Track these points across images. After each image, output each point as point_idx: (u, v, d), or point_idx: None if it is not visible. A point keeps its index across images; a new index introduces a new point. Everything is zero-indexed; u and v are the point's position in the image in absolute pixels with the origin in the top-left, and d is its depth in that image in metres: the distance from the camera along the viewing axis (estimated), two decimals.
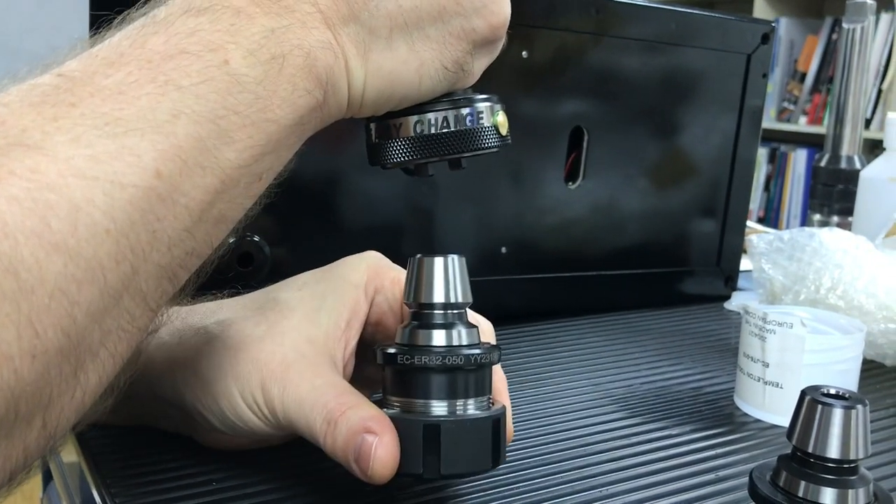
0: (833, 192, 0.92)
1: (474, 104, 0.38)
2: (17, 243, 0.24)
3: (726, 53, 0.73)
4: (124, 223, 0.27)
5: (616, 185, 0.71)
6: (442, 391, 0.34)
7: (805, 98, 2.89)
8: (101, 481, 0.40)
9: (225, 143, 0.30)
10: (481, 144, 0.38)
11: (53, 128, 0.26)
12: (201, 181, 0.29)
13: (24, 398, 0.24)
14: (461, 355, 0.34)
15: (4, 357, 0.23)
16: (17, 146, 0.25)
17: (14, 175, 0.24)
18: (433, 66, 0.36)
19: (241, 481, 0.40)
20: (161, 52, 0.29)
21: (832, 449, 0.33)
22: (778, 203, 3.03)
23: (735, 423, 0.50)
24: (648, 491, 0.41)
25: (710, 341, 0.66)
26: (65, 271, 0.25)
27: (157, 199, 0.28)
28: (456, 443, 0.34)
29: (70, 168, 0.25)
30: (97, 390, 0.28)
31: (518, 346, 0.62)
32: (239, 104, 0.30)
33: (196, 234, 0.30)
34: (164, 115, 0.28)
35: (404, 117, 0.37)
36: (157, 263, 0.28)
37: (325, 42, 0.33)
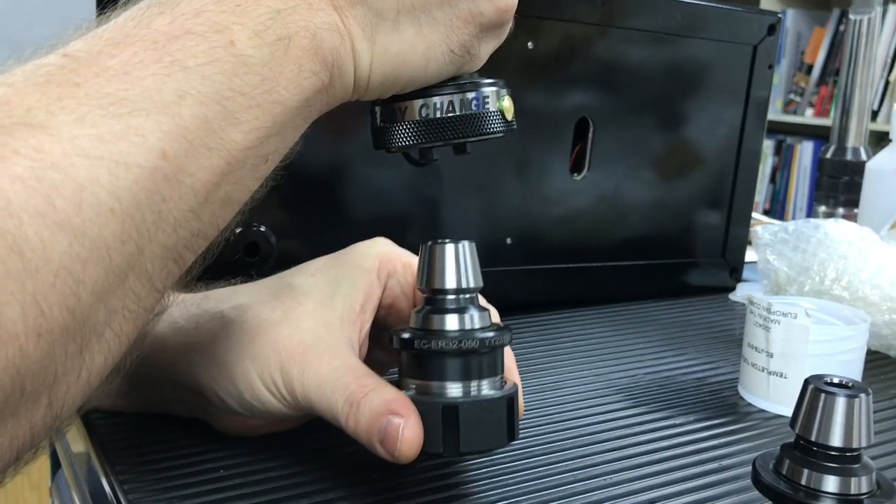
0: (839, 184, 0.92)
1: (480, 88, 0.38)
2: (22, 222, 0.24)
3: (732, 45, 0.73)
4: (130, 203, 0.27)
5: (621, 176, 0.71)
6: (458, 373, 0.35)
7: (812, 90, 2.88)
8: (109, 468, 0.40)
9: (231, 125, 0.30)
10: (486, 129, 0.38)
11: (58, 107, 0.26)
12: (207, 162, 0.29)
13: (29, 376, 0.24)
14: (476, 339, 0.35)
15: (10, 335, 0.23)
16: (22, 126, 0.25)
17: (18, 154, 0.24)
18: (440, 49, 0.36)
19: (247, 469, 0.40)
20: (166, 32, 0.29)
21: (835, 437, 0.33)
22: (784, 195, 3.02)
23: (739, 412, 0.51)
24: (651, 479, 0.41)
25: (714, 332, 0.66)
26: (69, 250, 0.25)
27: (162, 179, 0.28)
28: (473, 422, 0.35)
29: (75, 147, 0.25)
30: (103, 370, 0.28)
31: (522, 337, 0.62)
32: (245, 85, 0.30)
33: (202, 215, 0.30)
34: (169, 96, 0.28)
35: (409, 101, 0.37)
36: (163, 244, 0.28)
37: (332, 24, 0.33)
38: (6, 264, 0.23)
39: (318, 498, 0.38)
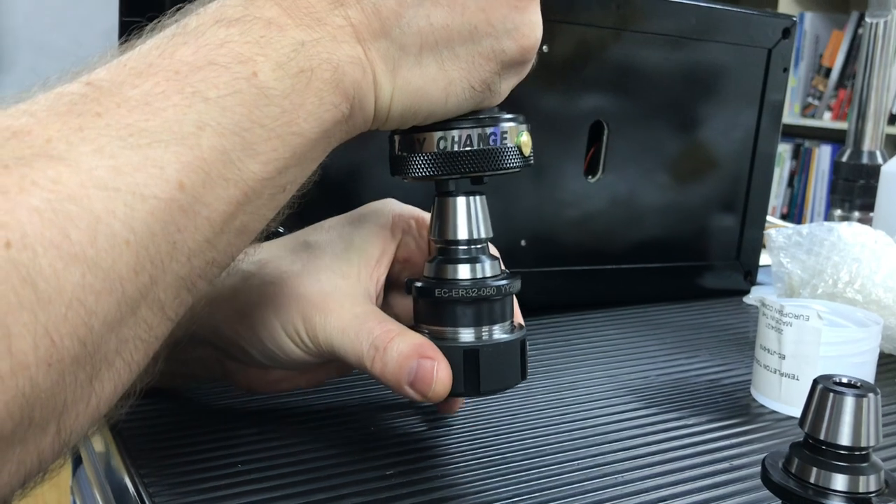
0: (854, 188, 0.92)
1: (499, 124, 0.38)
2: (36, 254, 0.24)
3: (747, 48, 0.73)
4: (144, 235, 0.27)
5: (636, 178, 0.71)
6: (472, 319, 0.38)
7: (830, 93, 2.86)
8: (131, 464, 0.41)
9: (249, 156, 0.30)
10: (503, 164, 0.38)
11: (78, 138, 0.26)
12: (224, 193, 0.29)
13: (38, 405, 0.25)
14: (491, 287, 0.38)
15: (21, 366, 0.24)
16: (42, 157, 0.25)
17: (36, 186, 0.25)
18: (461, 85, 0.36)
19: (265, 463, 0.41)
20: (189, 62, 0.29)
21: (844, 436, 0.33)
22: (801, 199, 3.01)
23: (751, 413, 0.51)
24: (663, 478, 0.42)
25: (727, 335, 0.67)
26: (83, 282, 0.25)
27: (178, 210, 0.28)
28: (492, 364, 0.37)
29: (92, 179, 0.26)
30: (112, 398, 0.28)
31: (536, 339, 0.63)
32: (265, 117, 0.30)
33: (217, 244, 0.30)
34: (189, 127, 0.28)
35: (429, 132, 0.37)
36: (177, 274, 0.29)
37: (355, 57, 0.33)
38: (19, 296, 0.23)
39: (334, 493, 0.39)
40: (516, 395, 0.52)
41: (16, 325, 0.23)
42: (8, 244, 0.23)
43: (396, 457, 0.43)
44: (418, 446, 0.44)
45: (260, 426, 0.45)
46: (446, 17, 0.34)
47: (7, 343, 0.23)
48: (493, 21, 0.35)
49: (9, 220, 0.24)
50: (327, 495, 0.39)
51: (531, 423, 0.48)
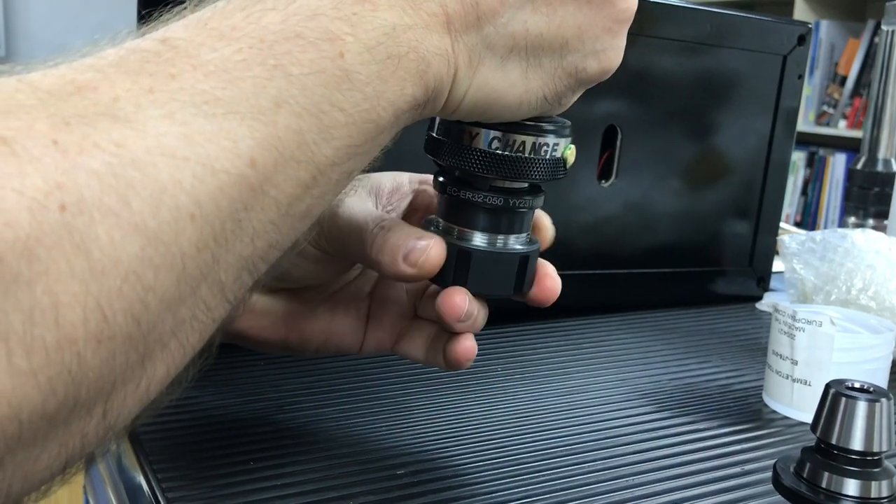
0: (869, 195, 0.92)
1: (558, 136, 0.37)
2: (93, 220, 0.22)
3: (762, 54, 0.73)
4: (211, 210, 0.25)
5: (649, 184, 0.71)
6: (483, 224, 0.38)
7: (845, 102, 2.85)
8: (145, 461, 0.41)
9: (324, 139, 0.28)
10: (551, 175, 0.38)
11: (148, 100, 0.25)
12: (294, 175, 0.28)
13: (85, 384, 0.23)
14: (501, 198, 0.38)
15: (68, 339, 0.22)
16: (106, 117, 0.24)
17: (98, 148, 0.23)
18: (536, 94, 0.35)
19: (277, 462, 0.41)
20: (276, 31, 0.27)
21: (856, 441, 0.33)
22: (815, 208, 2.99)
23: (763, 419, 0.51)
24: (674, 482, 0.42)
25: (740, 340, 0.66)
26: (141, 254, 0.23)
27: (247, 188, 0.26)
28: (483, 268, 0.38)
29: (160, 146, 0.24)
30: (164, 381, 0.27)
31: (548, 342, 0.63)
32: (345, 102, 0.29)
33: (281, 227, 0.29)
34: (267, 102, 0.27)
35: (481, 129, 0.37)
36: (240, 254, 0.27)
37: (442, 49, 0.32)
38: (71, 263, 0.22)
39: (346, 491, 0.39)
40: (528, 396, 0.52)
41: (65, 295, 0.22)
42: (63, 207, 0.22)
43: (407, 456, 0.43)
44: (429, 446, 0.44)
45: (272, 425, 0.46)
46: (543, 26, 0.33)
47: (54, 313, 0.22)
48: (585, 39, 0.35)
49: (65, 182, 0.22)
50: (339, 493, 0.39)
51: (543, 424, 0.48)
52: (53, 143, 0.22)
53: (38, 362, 0.22)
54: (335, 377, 0.52)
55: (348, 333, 0.43)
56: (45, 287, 0.21)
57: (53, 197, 0.22)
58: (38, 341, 0.21)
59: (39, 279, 0.21)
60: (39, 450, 0.23)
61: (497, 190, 0.37)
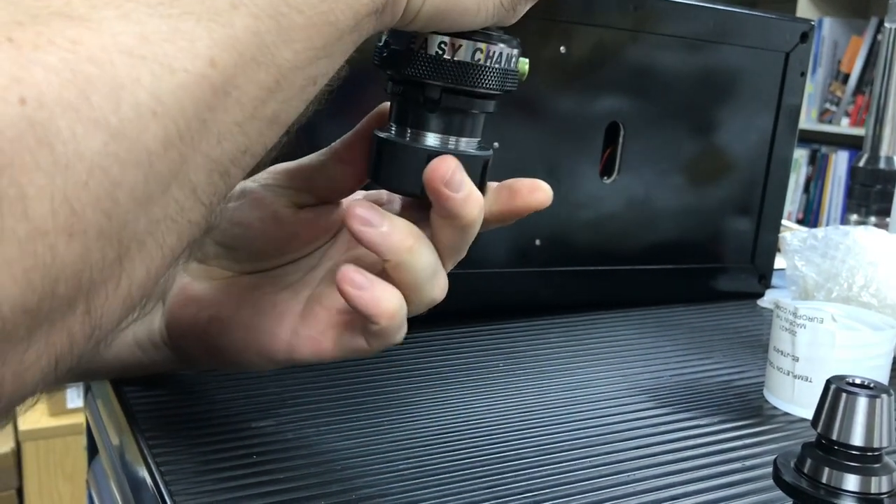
0: (871, 193, 0.92)
1: (498, 43, 0.38)
2: (53, 115, 0.22)
3: (764, 51, 0.73)
4: (173, 107, 0.25)
5: (651, 180, 0.71)
6: (443, 127, 0.38)
7: (848, 99, 2.85)
8: (148, 453, 0.42)
9: (284, 42, 0.29)
10: (495, 84, 0.38)
11: (102, 2, 0.25)
12: (256, 76, 0.28)
13: (62, 278, 0.23)
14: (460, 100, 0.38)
15: (38, 231, 0.22)
16: (59, 16, 0.24)
17: (53, 44, 0.23)
18: (493, 1, 0.36)
19: (280, 455, 0.42)
20: None
21: (856, 437, 0.33)
22: (818, 205, 2.99)
23: (763, 415, 0.51)
24: (674, 477, 0.42)
25: (741, 337, 0.67)
26: (105, 150, 0.24)
27: (209, 87, 0.27)
28: (391, 160, 0.38)
29: (116, 44, 0.24)
30: (145, 282, 0.27)
31: (549, 338, 0.63)
32: (303, 3, 0.29)
33: (248, 131, 0.29)
34: (222, 4, 0.27)
35: (431, 35, 0.37)
36: (208, 155, 0.28)
37: None
38: (35, 157, 0.22)
39: (348, 484, 0.39)
40: (529, 392, 0.52)
41: (31, 187, 0.22)
42: (22, 100, 0.22)
43: (409, 450, 0.43)
44: (430, 440, 0.45)
45: (275, 418, 0.46)
46: None
47: (22, 205, 0.22)
48: None
49: (23, 76, 0.22)
50: (341, 487, 0.39)
51: (544, 420, 0.48)
52: (8, 41, 0.22)
53: (11, 253, 0.22)
54: (338, 372, 0.53)
55: (271, 329, 0.41)
56: (11, 179, 0.22)
57: (12, 91, 0.22)
58: (8, 232, 0.22)
59: (4, 171, 0.21)
60: (25, 345, 0.24)
61: (456, 92, 0.37)
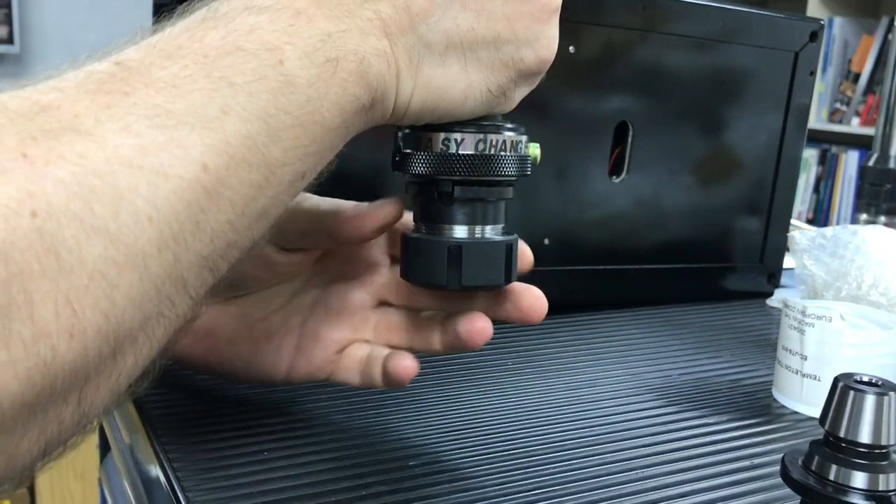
0: (881, 192, 0.91)
1: (503, 132, 0.39)
2: (60, 225, 0.25)
3: (774, 51, 0.74)
4: (167, 212, 0.27)
5: (660, 180, 0.71)
6: (462, 218, 0.39)
7: (858, 99, 2.84)
8: (161, 451, 0.42)
9: (273, 142, 0.30)
10: (502, 171, 0.39)
11: (106, 115, 0.27)
12: (247, 176, 0.30)
13: (61, 375, 0.25)
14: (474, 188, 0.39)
15: (42, 333, 0.24)
16: (69, 131, 0.26)
17: (63, 159, 0.25)
18: (479, 88, 0.36)
19: (291, 452, 0.42)
20: (218, 47, 0.30)
21: (864, 434, 0.34)
22: (828, 205, 2.98)
23: (772, 414, 0.51)
24: (683, 475, 0.42)
25: (750, 336, 0.67)
26: (105, 254, 0.26)
27: (202, 191, 0.28)
28: (474, 261, 0.39)
29: (117, 156, 0.26)
30: (133, 372, 0.29)
31: (558, 337, 0.63)
32: (290, 104, 0.31)
33: (238, 227, 0.31)
34: (214, 111, 0.29)
35: (436, 133, 0.38)
36: (199, 253, 0.29)
37: (381, 50, 0.34)
38: (42, 264, 0.24)
39: (358, 482, 0.40)
40: (539, 390, 0.52)
41: (38, 293, 0.24)
42: (34, 213, 0.24)
43: (419, 448, 0.43)
44: (441, 438, 0.45)
45: (286, 416, 0.46)
46: (473, 21, 0.35)
47: (29, 310, 0.24)
48: (517, 30, 0.36)
49: (35, 190, 0.24)
50: (351, 483, 0.39)
51: (554, 418, 0.48)
52: (23, 157, 0.25)
53: (16, 354, 0.24)
54: None
55: (269, 362, 0.44)
56: (20, 286, 0.24)
57: (25, 205, 0.24)
58: (15, 335, 0.23)
59: (14, 279, 0.23)
60: (20, 435, 0.25)
61: (467, 183, 0.39)
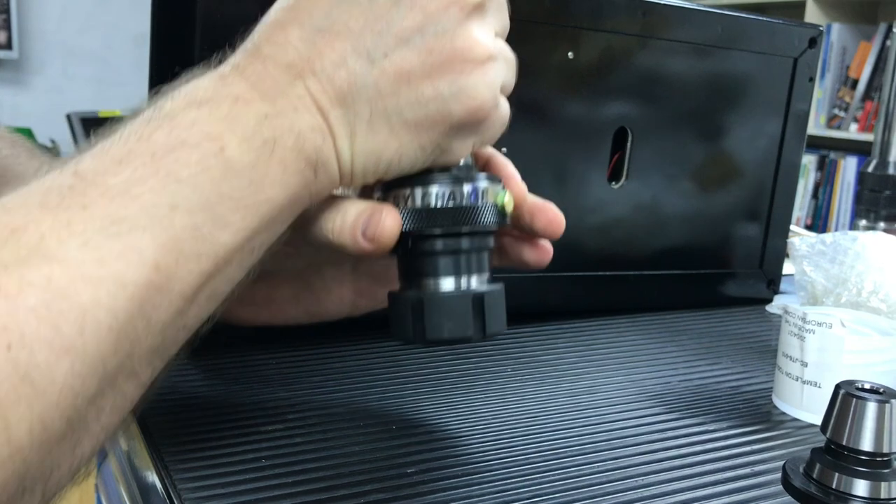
0: (880, 198, 0.91)
1: (456, 183, 0.39)
2: (33, 352, 0.27)
3: (773, 57, 0.73)
4: (124, 318, 0.30)
5: (659, 185, 0.71)
6: (430, 271, 0.39)
7: (856, 105, 2.84)
8: (157, 459, 0.42)
9: (219, 228, 0.32)
10: (477, 221, 0.39)
11: (67, 233, 0.29)
12: (196, 267, 0.32)
13: (29, 476, 0.28)
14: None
15: (18, 450, 0.27)
16: (37, 256, 0.28)
17: (33, 286, 0.28)
18: (411, 147, 0.37)
19: (288, 459, 0.42)
20: (163, 144, 0.32)
21: (866, 442, 0.33)
22: (826, 211, 2.98)
23: (772, 421, 0.51)
24: (682, 482, 0.42)
25: (750, 342, 0.66)
26: (72, 370, 0.28)
27: (154, 290, 0.30)
28: (436, 314, 0.39)
29: (80, 273, 0.29)
30: (90, 457, 0.32)
31: (558, 343, 0.63)
32: (233, 189, 0.33)
33: (188, 314, 0.33)
34: (163, 210, 0.31)
35: (386, 190, 0.40)
36: (150, 346, 0.31)
37: (316, 125, 0.35)
38: (18, 392, 0.26)
39: (356, 489, 0.39)
40: (538, 397, 0.52)
41: (14, 417, 0.26)
42: (9, 346, 0.26)
43: (418, 455, 0.43)
44: (440, 445, 0.45)
45: (283, 423, 0.46)
46: (393, 84, 0.36)
47: (7, 434, 0.26)
48: (440, 87, 0.36)
49: (9, 323, 0.27)
50: (349, 491, 0.39)
51: (553, 425, 0.48)
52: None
53: None
54: (345, 376, 0.53)
55: (334, 309, 0.48)
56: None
57: (1, 339, 0.26)
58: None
59: None
60: None
61: (422, 237, 0.39)
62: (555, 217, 0.45)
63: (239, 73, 0.35)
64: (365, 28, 0.36)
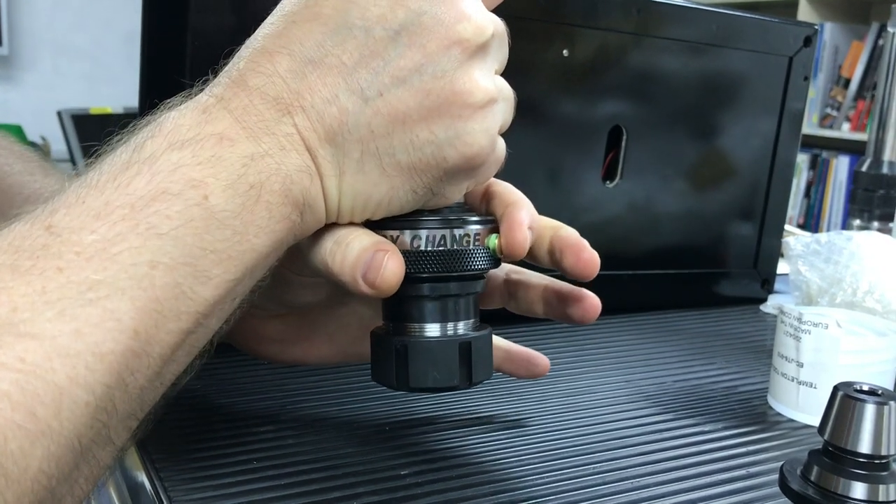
0: (874, 198, 0.91)
1: (467, 226, 0.37)
2: (7, 439, 0.25)
3: (768, 56, 0.73)
4: (102, 392, 0.28)
5: (654, 184, 0.71)
6: (416, 315, 0.38)
7: (849, 104, 2.85)
8: (147, 461, 0.41)
9: (201, 283, 0.31)
10: (467, 266, 0.37)
11: (42, 302, 0.27)
12: (176, 326, 0.30)
13: None
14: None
15: None
16: (9, 333, 0.26)
17: (5, 367, 0.26)
18: (402, 189, 0.35)
19: (280, 461, 0.41)
20: (143, 195, 0.30)
21: (864, 444, 0.33)
22: (819, 210, 2.99)
23: (768, 421, 0.51)
24: (678, 484, 0.42)
25: (744, 342, 0.66)
26: (47, 453, 0.26)
27: (132, 356, 0.29)
28: (420, 361, 0.37)
29: (55, 348, 0.27)
30: None
31: (552, 343, 0.63)
32: (216, 241, 0.31)
33: (166, 373, 0.31)
34: (143, 269, 0.29)
35: (388, 231, 0.37)
36: (127, 412, 0.30)
37: (303, 165, 0.33)
38: None
39: (349, 491, 0.39)
40: (533, 397, 0.51)
41: None
42: None
43: (411, 457, 0.43)
44: (433, 447, 0.44)
45: (275, 424, 0.45)
46: (387, 125, 0.34)
47: None
48: (436, 131, 0.34)
49: None
50: (342, 493, 0.39)
51: (547, 426, 0.48)
52: None
53: None
54: (338, 377, 0.52)
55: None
56: None
57: None
58: None
59: None
60: None
61: (410, 280, 0.36)
62: (589, 259, 0.42)
63: (223, 105, 0.32)
64: (360, 63, 0.33)
